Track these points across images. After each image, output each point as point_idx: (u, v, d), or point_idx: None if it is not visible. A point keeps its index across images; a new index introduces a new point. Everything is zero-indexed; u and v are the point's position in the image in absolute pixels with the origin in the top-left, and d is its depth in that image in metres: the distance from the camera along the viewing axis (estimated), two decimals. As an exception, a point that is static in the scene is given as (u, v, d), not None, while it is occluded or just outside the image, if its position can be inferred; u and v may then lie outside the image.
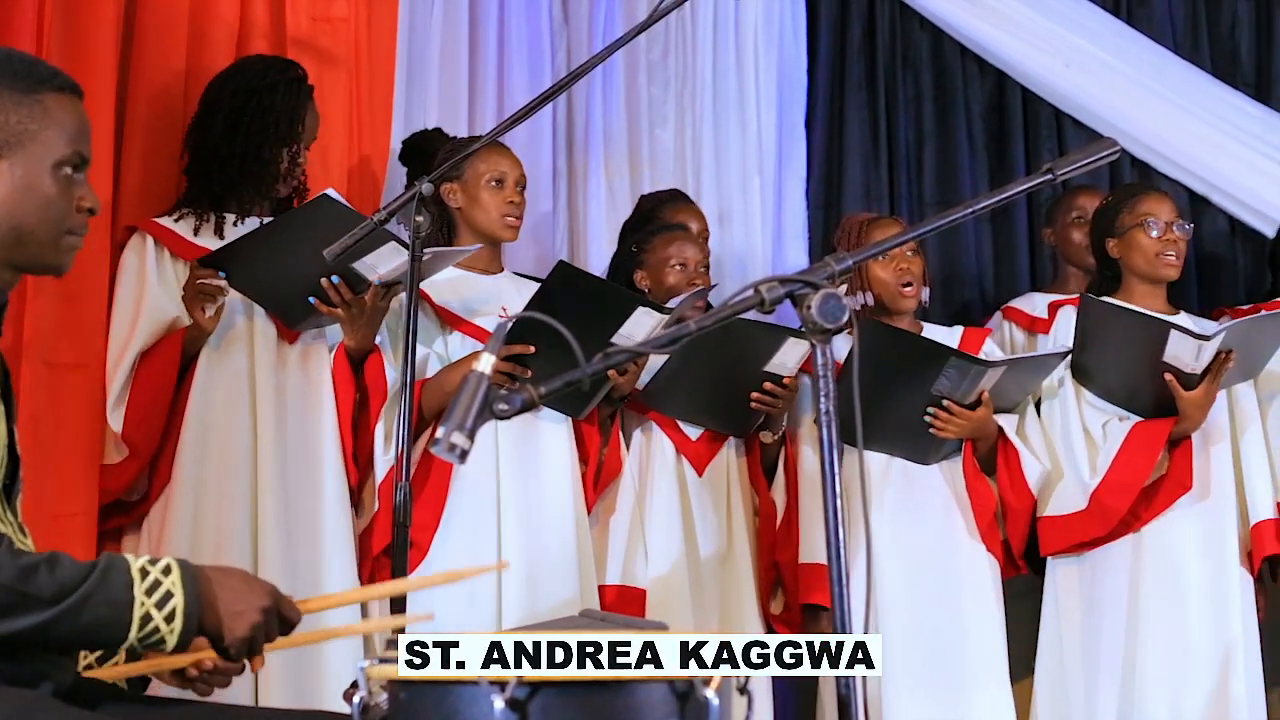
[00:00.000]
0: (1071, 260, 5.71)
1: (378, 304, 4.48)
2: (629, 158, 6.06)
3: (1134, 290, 5.02)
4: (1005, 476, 4.85)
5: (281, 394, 4.58)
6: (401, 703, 2.32)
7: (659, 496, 4.85)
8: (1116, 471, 4.83)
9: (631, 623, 3.26)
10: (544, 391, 2.37)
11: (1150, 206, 5.00)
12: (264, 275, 4.50)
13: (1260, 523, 4.90)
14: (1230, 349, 4.69)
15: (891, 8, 6.49)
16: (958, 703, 4.75)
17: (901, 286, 4.92)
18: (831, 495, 2.45)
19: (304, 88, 4.72)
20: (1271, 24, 6.61)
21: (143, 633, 2.47)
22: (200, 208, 4.63)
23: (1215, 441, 4.92)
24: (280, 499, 4.49)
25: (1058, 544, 4.91)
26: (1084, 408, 4.96)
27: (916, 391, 4.71)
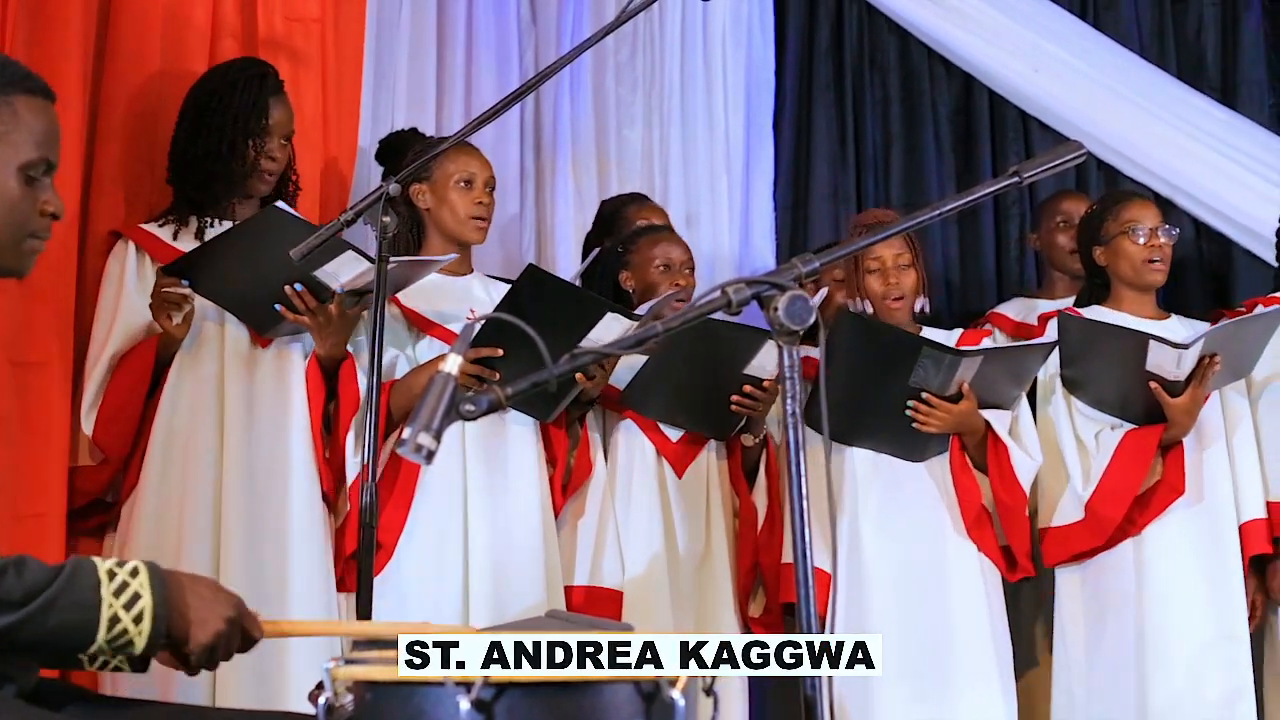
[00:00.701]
0: (1057, 265, 5.73)
1: (346, 312, 4.47)
2: (597, 158, 6.06)
3: (1123, 297, 5.03)
4: (996, 473, 4.83)
5: (251, 400, 4.57)
6: (367, 704, 2.31)
7: (639, 498, 4.85)
8: (1109, 480, 4.83)
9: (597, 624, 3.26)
10: (511, 393, 2.37)
11: (1135, 213, 5.01)
12: (227, 283, 4.50)
13: (1248, 522, 4.92)
14: (1214, 353, 4.70)
15: (859, 10, 6.51)
16: (947, 702, 4.74)
17: (889, 300, 4.91)
18: (797, 496, 2.46)
19: (267, 82, 4.71)
20: (1237, 28, 6.64)
21: (111, 634, 2.46)
22: (180, 213, 4.63)
23: (1209, 444, 4.93)
24: (245, 503, 4.48)
25: (1058, 555, 4.91)
26: (1076, 418, 4.96)
27: (895, 385, 4.70)
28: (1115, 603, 4.87)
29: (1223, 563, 4.88)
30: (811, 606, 2.43)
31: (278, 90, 4.74)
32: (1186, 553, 4.86)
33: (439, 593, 4.50)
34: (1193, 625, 4.82)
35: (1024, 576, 4.95)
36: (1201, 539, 4.88)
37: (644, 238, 5.08)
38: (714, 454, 4.95)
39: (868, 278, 4.92)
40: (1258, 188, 5.97)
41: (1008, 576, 4.91)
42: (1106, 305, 5.05)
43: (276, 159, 4.71)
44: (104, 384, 4.51)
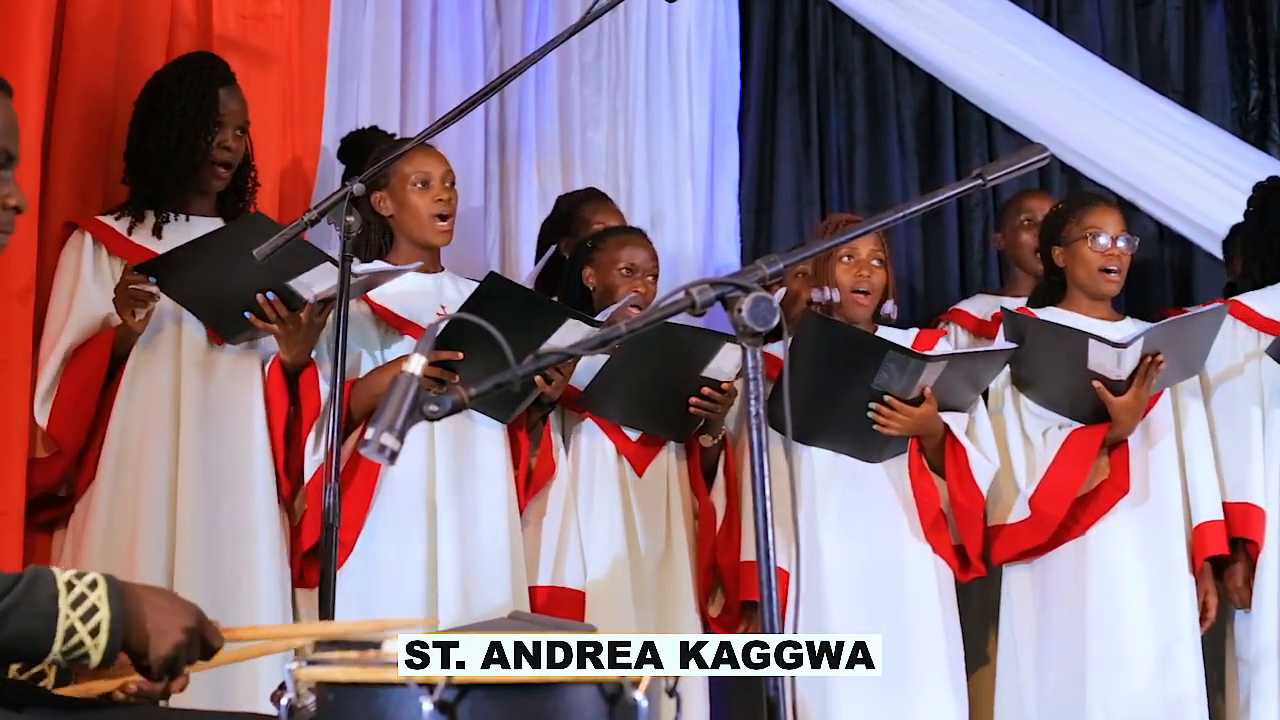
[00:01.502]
0: (1021, 264, 5.75)
1: (314, 320, 4.47)
2: (561, 159, 6.06)
3: (1077, 299, 5.05)
4: (954, 476, 4.85)
5: (207, 401, 4.56)
6: (329, 705, 2.31)
7: (600, 497, 4.85)
8: (1051, 478, 4.85)
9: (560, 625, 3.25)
10: (474, 393, 2.37)
11: (1097, 220, 5.02)
12: (198, 287, 4.48)
13: (1204, 524, 4.93)
14: (1156, 352, 4.72)
15: (824, 12, 6.52)
16: (904, 702, 4.76)
17: (855, 293, 4.92)
18: (760, 497, 2.46)
19: (216, 73, 4.70)
20: (1200, 32, 6.67)
21: (67, 646, 2.43)
22: (135, 208, 4.62)
23: (1157, 443, 4.95)
24: (201, 504, 4.47)
25: (1005, 553, 4.93)
26: (1025, 416, 4.98)
27: (858, 387, 4.71)
28: (1062, 603, 4.89)
29: (1169, 563, 4.90)
30: (774, 606, 2.44)
31: (228, 81, 4.72)
32: (1132, 553, 4.88)
33: (404, 592, 4.49)
34: (1138, 626, 4.84)
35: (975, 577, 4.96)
36: (1148, 539, 4.90)
37: (613, 238, 5.08)
38: (673, 454, 4.96)
39: (838, 267, 4.92)
40: (1219, 191, 5.99)
41: (960, 576, 4.93)
42: (1061, 306, 5.07)
43: (231, 149, 4.69)
44: (58, 376, 4.49)
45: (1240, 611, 5.03)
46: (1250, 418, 5.02)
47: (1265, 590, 4.92)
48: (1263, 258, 5.21)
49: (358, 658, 2.30)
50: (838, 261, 4.91)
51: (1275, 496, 4.96)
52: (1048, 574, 4.93)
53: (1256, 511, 4.96)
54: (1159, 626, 4.85)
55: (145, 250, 4.54)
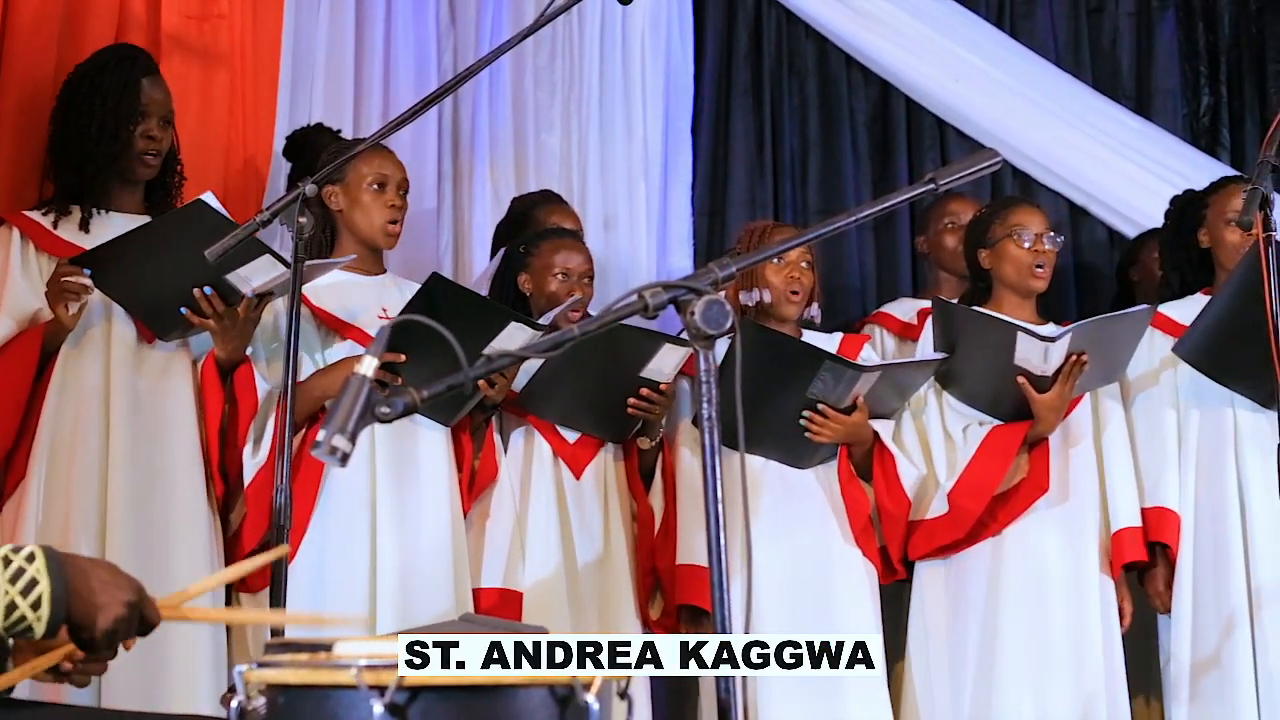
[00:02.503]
0: (944, 266, 5.75)
1: (250, 315, 4.44)
2: (514, 161, 6.05)
3: (1004, 301, 5.06)
4: (881, 482, 4.89)
5: (138, 399, 4.52)
6: (279, 707, 2.30)
7: (537, 499, 4.84)
8: (970, 474, 4.88)
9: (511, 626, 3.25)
10: (426, 395, 2.36)
11: (1021, 218, 5.05)
12: (135, 281, 4.45)
13: (1121, 530, 4.96)
14: (1081, 351, 4.75)
15: (778, 16, 6.52)
16: (833, 704, 4.78)
17: (789, 293, 4.93)
18: (713, 499, 2.46)
19: (138, 62, 4.66)
20: (1152, 38, 6.70)
21: (9, 621, 2.42)
22: (60, 202, 4.58)
23: (1076, 444, 4.99)
24: (132, 504, 4.44)
25: (922, 548, 4.96)
26: (946, 412, 5.01)
27: (792, 395, 4.74)
28: (976, 601, 4.92)
29: (1084, 564, 4.93)
30: (727, 609, 2.44)
31: (151, 71, 4.68)
32: (1047, 553, 4.91)
33: (346, 595, 4.48)
34: (1051, 626, 4.87)
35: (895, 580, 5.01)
36: (1063, 539, 4.93)
37: (546, 242, 5.07)
38: (611, 455, 4.96)
39: (769, 268, 4.93)
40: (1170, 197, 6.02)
41: (881, 579, 4.96)
42: (987, 307, 5.08)
43: (156, 138, 4.64)
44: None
45: (1162, 615, 5.05)
46: (1166, 423, 5.06)
47: (1181, 594, 4.96)
48: (1180, 268, 5.25)
49: (308, 660, 2.29)
50: (768, 263, 4.92)
51: (1190, 501, 4.99)
52: (962, 572, 4.96)
53: (1171, 516, 4.99)
54: (1071, 626, 4.88)
55: (72, 245, 4.49)
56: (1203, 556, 4.96)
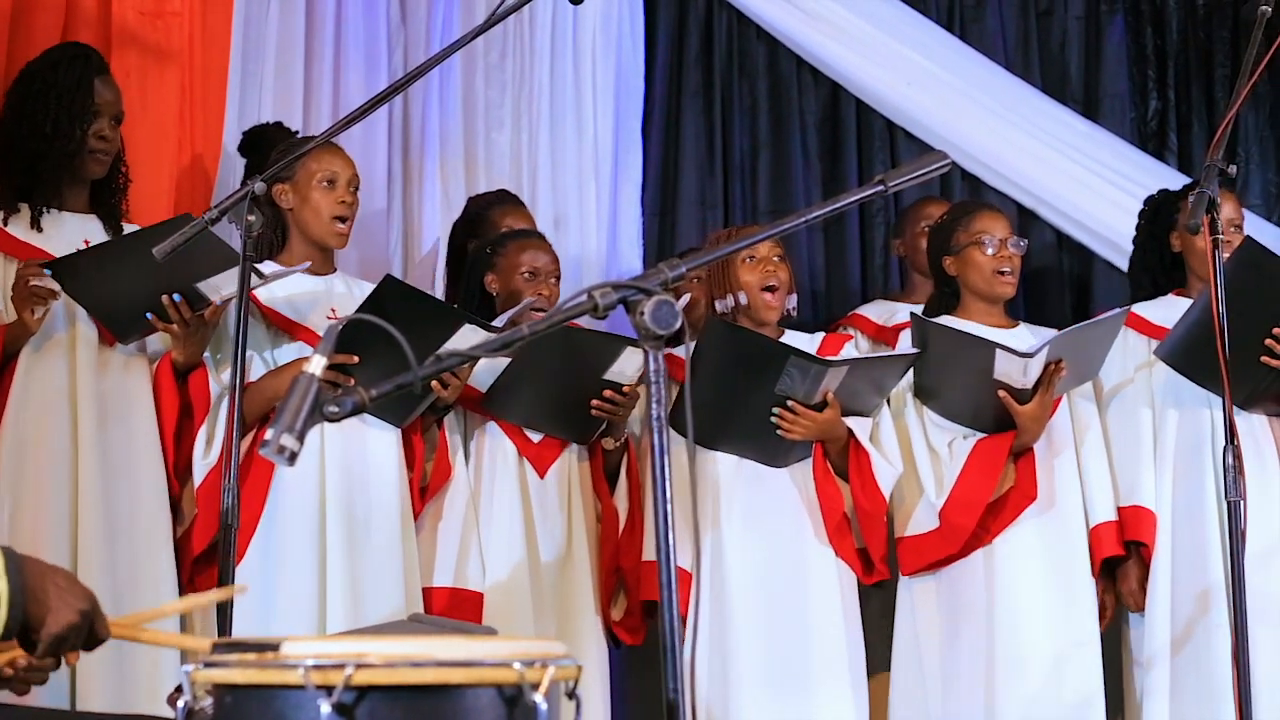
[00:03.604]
0: (921, 270, 5.75)
1: (214, 320, 4.44)
2: (465, 160, 6.04)
3: (971, 307, 5.08)
4: (857, 480, 4.87)
5: (103, 400, 4.51)
6: (227, 707, 2.29)
7: (500, 499, 4.84)
8: (961, 489, 4.88)
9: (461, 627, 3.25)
10: (375, 394, 2.36)
11: (985, 224, 5.06)
12: (104, 287, 4.43)
13: (1098, 525, 4.99)
14: (1059, 359, 4.77)
15: (729, 17, 6.53)
16: (803, 704, 4.78)
17: (764, 291, 4.92)
18: (661, 499, 2.47)
19: (91, 62, 4.63)
20: (1100, 42, 6.73)
21: None
22: (9, 201, 4.55)
23: (1059, 451, 5.00)
24: (102, 506, 4.43)
25: (915, 564, 4.96)
26: (929, 427, 5.01)
27: (761, 392, 4.73)
28: (969, 611, 4.92)
29: (1072, 569, 4.95)
30: (674, 608, 2.44)
31: (102, 70, 4.65)
32: (1037, 559, 4.92)
33: (295, 595, 4.47)
34: (1043, 632, 4.89)
35: (879, 580, 5.00)
36: (1052, 545, 4.94)
37: (513, 242, 5.07)
38: (575, 456, 4.95)
39: (741, 269, 4.92)
40: (1118, 200, 6.05)
41: (863, 579, 4.96)
42: (956, 314, 5.10)
43: (108, 138, 4.61)
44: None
45: (1134, 614, 5.08)
46: (1141, 422, 5.08)
47: (1158, 593, 4.98)
48: (1153, 271, 5.27)
49: (255, 660, 2.29)
50: (740, 264, 4.91)
51: (1167, 500, 5.02)
52: (954, 584, 4.96)
53: (1147, 515, 5.01)
54: (1063, 631, 4.89)
55: (24, 244, 4.47)
56: (1180, 555, 4.98)
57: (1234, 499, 4.12)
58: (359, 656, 2.23)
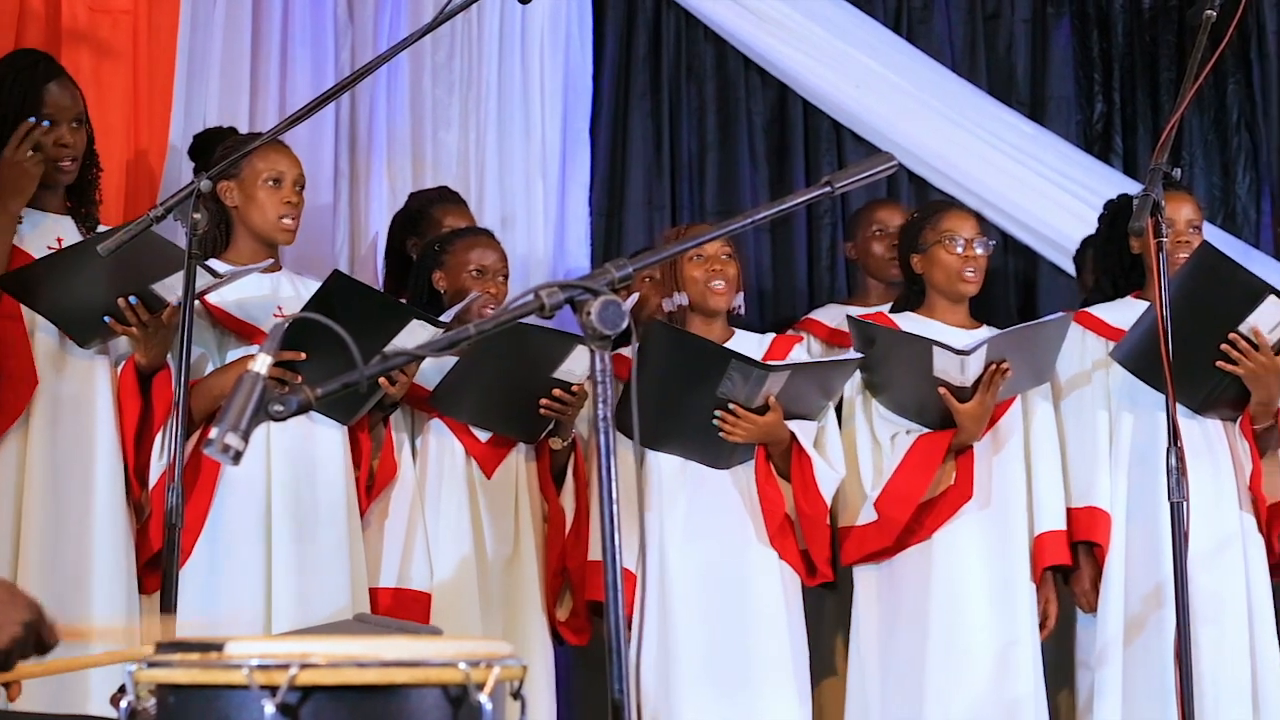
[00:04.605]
0: (872, 273, 5.78)
1: (173, 322, 4.42)
2: (412, 159, 6.03)
3: (936, 305, 5.10)
4: (798, 483, 4.89)
5: (58, 402, 4.49)
6: (170, 707, 2.28)
7: (447, 499, 4.83)
8: (896, 483, 4.91)
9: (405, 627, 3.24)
10: (321, 393, 2.35)
11: (952, 223, 5.08)
12: (59, 295, 4.41)
13: (1044, 533, 5.00)
14: (1002, 360, 4.79)
15: (677, 18, 6.54)
16: (745, 704, 4.80)
17: (711, 285, 4.93)
18: (607, 500, 2.47)
19: (39, 69, 4.58)
20: (1047, 46, 6.76)
21: None
22: None
23: (1006, 452, 5.02)
24: (47, 506, 4.41)
25: (852, 554, 4.99)
26: (875, 420, 5.03)
27: (704, 394, 4.74)
28: (907, 607, 4.95)
29: (1011, 568, 4.97)
30: (619, 609, 2.44)
31: (56, 74, 4.61)
32: (976, 557, 4.94)
33: (242, 595, 4.45)
34: (978, 632, 4.90)
35: (823, 582, 5.02)
36: (992, 544, 4.96)
37: (461, 240, 5.06)
38: (523, 456, 4.95)
39: (688, 266, 4.93)
40: (1064, 202, 6.09)
41: (807, 581, 4.97)
42: (920, 312, 5.12)
43: (69, 144, 4.57)
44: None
45: (1082, 616, 5.10)
46: (1098, 423, 5.10)
47: (1110, 593, 4.99)
48: (1113, 273, 5.29)
49: (199, 660, 2.27)
50: (687, 261, 4.92)
51: (1121, 501, 5.04)
52: (893, 577, 4.99)
53: (1102, 515, 5.03)
54: (998, 630, 4.92)
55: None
56: (1134, 557, 4.99)
57: (1177, 500, 4.14)
58: (303, 657, 2.22)
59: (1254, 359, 4.80)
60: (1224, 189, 6.69)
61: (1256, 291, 4.78)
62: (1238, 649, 4.86)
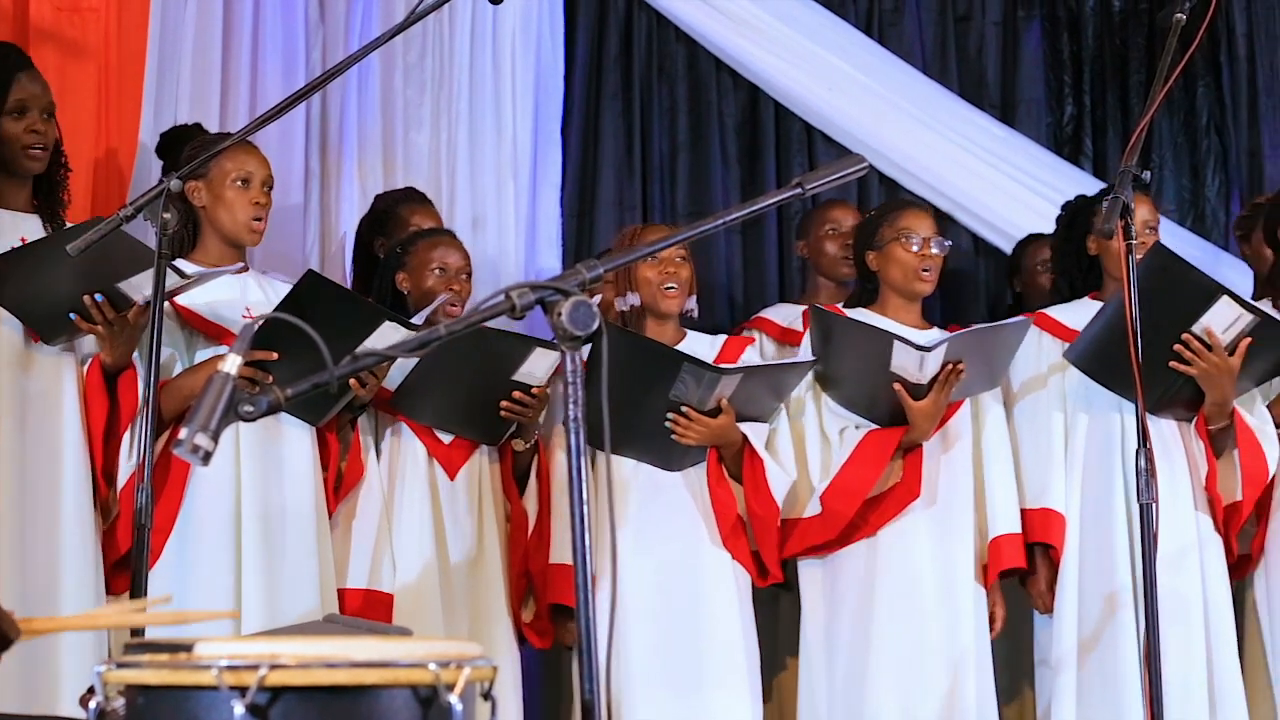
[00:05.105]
0: (824, 272, 5.78)
1: (139, 321, 4.40)
2: (383, 159, 6.03)
3: (889, 303, 5.10)
4: (750, 486, 4.90)
5: (25, 401, 4.47)
6: (139, 708, 2.28)
7: (409, 501, 4.82)
8: (843, 477, 4.91)
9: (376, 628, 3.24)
10: (291, 394, 2.35)
11: (910, 222, 5.08)
12: (26, 289, 4.39)
13: (999, 536, 5.01)
14: (958, 360, 4.80)
15: (649, 19, 6.54)
16: (697, 704, 4.80)
17: (664, 288, 4.94)
18: (578, 500, 2.47)
19: (9, 60, 4.57)
20: (1017, 48, 6.78)
21: None
22: None
23: (952, 450, 5.02)
24: (15, 504, 4.39)
25: (795, 547, 4.98)
26: (825, 414, 5.04)
27: (657, 397, 4.75)
28: (850, 604, 4.95)
29: (957, 568, 4.97)
30: (590, 610, 2.44)
31: (24, 66, 4.59)
32: (922, 556, 4.95)
33: (211, 596, 4.44)
34: (924, 628, 4.91)
35: (774, 583, 5.03)
36: (938, 543, 4.97)
37: (424, 240, 5.06)
38: (486, 457, 4.94)
39: (642, 267, 4.93)
40: (1034, 204, 6.10)
41: (758, 582, 4.98)
42: (873, 309, 5.12)
43: (40, 132, 4.55)
44: None
45: (1040, 616, 5.11)
46: (1053, 426, 5.11)
47: (1065, 595, 5.01)
48: (1069, 274, 5.31)
49: (168, 660, 2.27)
50: (641, 262, 4.93)
51: (1076, 503, 5.06)
52: (837, 574, 4.99)
53: (1056, 517, 5.04)
54: (943, 629, 4.92)
55: None
56: (1088, 558, 5.00)
57: (1146, 501, 4.15)
58: (273, 657, 2.22)
59: (1207, 359, 4.81)
60: (1193, 191, 6.72)
61: (1209, 292, 4.79)
62: (1195, 650, 4.88)
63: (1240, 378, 4.88)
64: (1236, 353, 4.81)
